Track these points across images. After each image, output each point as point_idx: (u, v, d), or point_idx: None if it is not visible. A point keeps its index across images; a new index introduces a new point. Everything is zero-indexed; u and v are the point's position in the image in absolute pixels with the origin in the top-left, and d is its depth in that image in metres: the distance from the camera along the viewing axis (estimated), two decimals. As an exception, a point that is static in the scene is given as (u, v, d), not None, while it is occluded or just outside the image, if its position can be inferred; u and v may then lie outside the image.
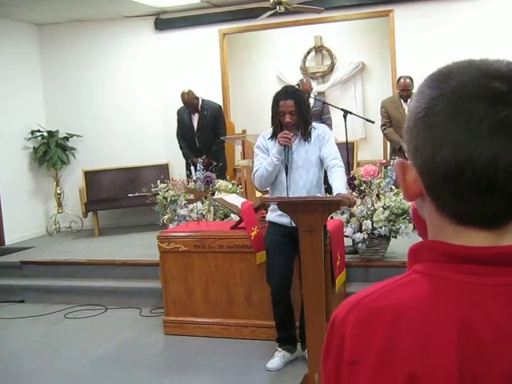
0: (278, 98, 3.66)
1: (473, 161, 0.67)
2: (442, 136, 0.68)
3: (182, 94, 6.62)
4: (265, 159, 3.69)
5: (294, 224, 3.56)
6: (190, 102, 6.62)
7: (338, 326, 0.75)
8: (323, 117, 6.51)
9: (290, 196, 3.64)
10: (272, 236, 3.82)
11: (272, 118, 3.72)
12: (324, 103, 6.50)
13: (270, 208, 3.83)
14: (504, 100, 0.67)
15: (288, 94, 3.64)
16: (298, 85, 6.03)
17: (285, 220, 3.67)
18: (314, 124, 3.79)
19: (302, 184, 3.67)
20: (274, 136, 3.71)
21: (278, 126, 3.69)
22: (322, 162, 3.71)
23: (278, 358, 3.89)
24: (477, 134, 0.66)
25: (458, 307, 0.69)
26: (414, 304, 0.70)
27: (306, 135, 3.68)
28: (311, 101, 6.48)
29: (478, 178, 0.67)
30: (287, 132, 3.61)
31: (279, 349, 3.94)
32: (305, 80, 7.01)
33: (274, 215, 3.79)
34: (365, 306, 0.73)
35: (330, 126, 6.32)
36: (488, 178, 0.67)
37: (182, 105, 6.77)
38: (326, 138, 3.71)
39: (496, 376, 0.66)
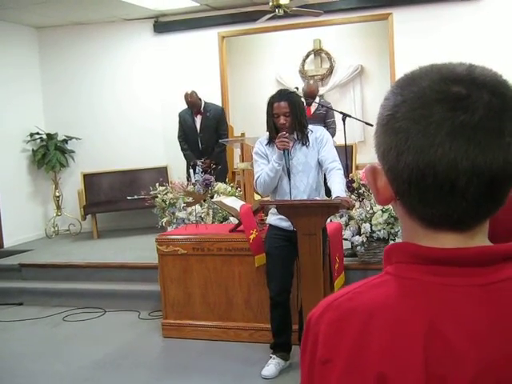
0: (271, 101, 3.66)
1: (434, 165, 0.68)
2: (405, 141, 0.70)
3: (186, 95, 6.65)
4: (265, 165, 3.68)
5: (293, 228, 3.57)
6: (193, 103, 6.65)
7: (312, 326, 0.77)
8: (327, 120, 6.44)
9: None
10: (272, 240, 3.81)
11: (267, 121, 3.71)
12: (327, 108, 6.39)
13: (271, 211, 3.82)
14: (463, 104, 0.68)
15: (282, 95, 3.64)
16: (296, 88, 6.03)
17: (284, 224, 3.67)
18: (311, 127, 3.77)
19: (303, 188, 3.66)
20: (270, 141, 3.71)
21: (272, 129, 3.68)
22: (320, 164, 3.71)
23: (273, 365, 3.85)
24: (436, 138, 0.68)
25: (425, 308, 0.70)
26: (384, 305, 0.72)
27: (304, 139, 3.68)
28: (315, 103, 6.45)
29: (441, 182, 0.68)
30: (283, 133, 3.59)
31: (273, 356, 3.90)
32: (311, 82, 6.98)
33: (273, 218, 3.78)
34: (338, 306, 0.75)
35: (333, 129, 6.28)
36: (450, 181, 0.68)
37: (182, 107, 6.79)
38: (324, 141, 3.71)
39: (465, 377, 0.67)
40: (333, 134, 6.08)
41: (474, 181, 0.68)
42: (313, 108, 6.51)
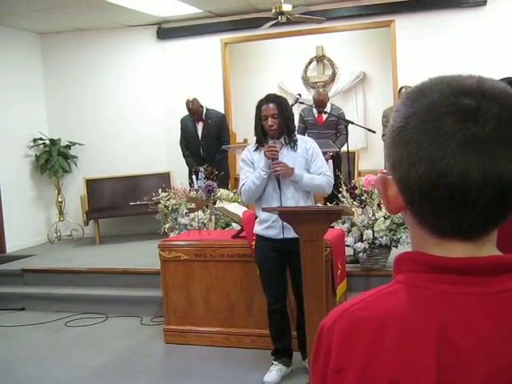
0: (260, 104, 3.66)
1: (445, 176, 0.69)
2: (416, 153, 0.71)
3: (187, 102, 6.65)
4: (250, 173, 3.64)
5: (283, 236, 3.55)
6: (195, 110, 6.65)
7: (325, 335, 0.78)
8: (339, 127, 6.48)
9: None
10: (261, 251, 3.76)
11: (255, 125, 3.69)
12: (336, 116, 6.38)
13: (257, 220, 3.76)
14: (473, 117, 0.69)
15: (270, 98, 3.65)
16: (299, 94, 6.03)
17: (272, 232, 3.64)
18: (300, 137, 3.77)
19: (290, 194, 3.62)
20: (258, 147, 3.68)
21: (260, 132, 3.66)
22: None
23: (275, 371, 3.83)
24: (448, 150, 0.69)
25: (436, 315, 0.71)
26: (395, 313, 0.73)
27: (291, 142, 3.65)
28: (325, 112, 6.44)
29: (452, 193, 0.70)
30: (273, 145, 3.58)
31: (275, 362, 3.88)
32: (321, 90, 6.97)
33: (260, 228, 3.72)
34: (350, 315, 0.76)
35: (345, 136, 6.13)
36: (461, 192, 0.69)
37: (184, 113, 6.79)
38: (314, 154, 3.68)
39: (475, 382, 0.68)
40: (345, 140, 5.98)
41: (484, 191, 0.69)
42: (324, 116, 6.53)
